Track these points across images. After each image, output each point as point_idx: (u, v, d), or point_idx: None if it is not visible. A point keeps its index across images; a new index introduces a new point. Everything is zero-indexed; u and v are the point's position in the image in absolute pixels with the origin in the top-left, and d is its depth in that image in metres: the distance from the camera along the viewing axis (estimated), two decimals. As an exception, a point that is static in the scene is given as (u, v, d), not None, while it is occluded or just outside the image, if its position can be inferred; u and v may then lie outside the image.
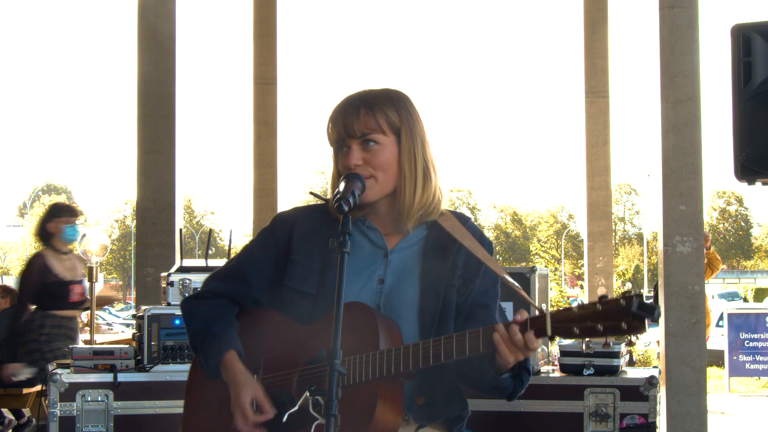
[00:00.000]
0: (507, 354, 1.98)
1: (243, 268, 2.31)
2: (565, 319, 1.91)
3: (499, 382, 2.12)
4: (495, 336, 1.97)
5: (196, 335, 2.26)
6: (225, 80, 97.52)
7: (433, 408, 2.18)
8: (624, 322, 1.83)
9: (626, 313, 1.82)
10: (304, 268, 2.22)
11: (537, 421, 4.22)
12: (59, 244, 6.27)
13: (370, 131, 2.15)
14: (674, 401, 5.35)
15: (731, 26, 3.99)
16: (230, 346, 2.21)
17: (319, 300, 2.17)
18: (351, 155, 2.15)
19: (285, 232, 2.28)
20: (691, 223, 5.45)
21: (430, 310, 2.16)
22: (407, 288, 2.18)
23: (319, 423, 1.90)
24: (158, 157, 6.61)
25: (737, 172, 4.57)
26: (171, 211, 6.60)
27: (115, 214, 71.53)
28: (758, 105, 3.94)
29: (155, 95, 6.61)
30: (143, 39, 6.65)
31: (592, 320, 1.87)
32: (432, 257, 2.20)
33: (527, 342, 1.96)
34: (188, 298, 2.38)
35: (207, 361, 2.22)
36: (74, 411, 4.10)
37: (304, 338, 2.15)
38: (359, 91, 2.24)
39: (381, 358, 2.01)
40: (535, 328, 1.95)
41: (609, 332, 1.86)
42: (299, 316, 2.19)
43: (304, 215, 2.31)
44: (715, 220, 72.68)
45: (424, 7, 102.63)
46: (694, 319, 5.41)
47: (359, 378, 2.01)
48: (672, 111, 5.50)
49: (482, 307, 2.22)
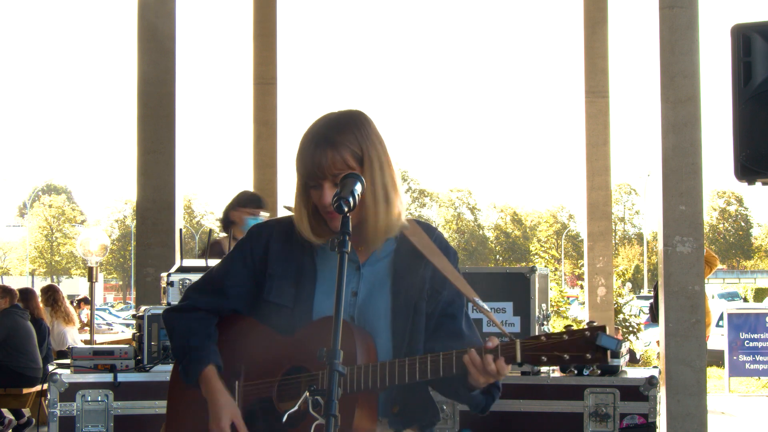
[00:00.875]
0: (478, 377, 2.10)
1: (222, 280, 2.39)
2: (533, 348, 2.04)
3: (471, 399, 2.24)
4: (465, 359, 2.08)
5: (176, 348, 2.39)
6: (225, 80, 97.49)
7: (406, 416, 2.29)
8: (588, 353, 1.98)
9: (590, 345, 1.98)
10: (281, 281, 2.29)
11: (537, 421, 4.22)
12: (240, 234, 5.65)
13: (338, 171, 2.19)
14: (674, 401, 5.35)
15: (731, 26, 3.99)
16: (209, 360, 2.30)
17: (296, 312, 2.25)
18: (326, 195, 2.20)
19: (262, 244, 2.35)
20: (691, 223, 5.45)
21: (402, 321, 2.26)
22: (379, 300, 2.28)
23: (319, 423, 1.91)
24: (158, 157, 6.60)
25: (737, 172, 4.56)
26: (171, 211, 6.60)
27: (115, 214, 71.50)
28: (758, 105, 3.94)
29: (155, 95, 6.61)
30: (143, 39, 6.64)
31: (559, 350, 2.01)
32: (402, 270, 2.30)
33: (498, 369, 2.08)
34: (169, 310, 2.47)
35: (186, 373, 2.32)
36: (74, 411, 4.10)
37: (283, 348, 2.23)
38: (322, 123, 2.26)
39: (360, 372, 2.11)
40: (506, 355, 2.07)
41: (574, 362, 2.00)
42: (277, 327, 2.27)
43: (279, 227, 2.37)
44: (715, 220, 72.66)
45: (424, 7, 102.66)
46: (694, 319, 5.41)
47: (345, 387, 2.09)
48: (672, 111, 5.50)
49: (449, 317, 2.32)
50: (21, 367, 8.07)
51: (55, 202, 67.59)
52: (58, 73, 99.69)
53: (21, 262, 66.03)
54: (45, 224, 66.42)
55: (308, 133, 2.26)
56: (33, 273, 62.47)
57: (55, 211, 67.08)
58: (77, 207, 71.26)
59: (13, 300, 8.48)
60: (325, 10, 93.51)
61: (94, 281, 9.69)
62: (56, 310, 9.68)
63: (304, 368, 2.19)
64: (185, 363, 2.33)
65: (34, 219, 66.42)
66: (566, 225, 71.38)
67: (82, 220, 69.14)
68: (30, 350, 8.18)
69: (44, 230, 66.29)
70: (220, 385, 2.28)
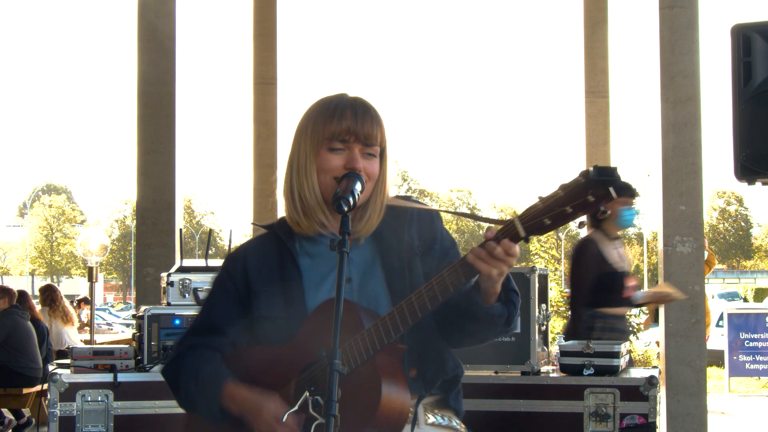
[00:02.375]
0: (489, 270, 1.96)
1: (211, 318, 2.29)
2: (532, 216, 1.90)
3: (492, 310, 2.10)
4: (469, 257, 1.96)
5: (188, 386, 2.21)
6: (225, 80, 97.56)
7: (426, 376, 2.20)
8: (589, 195, 1.82)
9: (588, 185, 1.82)
10: (268, 295, 2.23)
11: (537, 421, 4.22)
12: (612, 228, 5.11)
13: (374, 142, 2.17)
14: (674, 401, 5.36)
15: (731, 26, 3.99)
16: (225, 377, 2.18)
17: (291, 319, 2.18)
18: (357, 158, 2.15)
19: (239, 269, 2.28)
20: (691, 223, 5.46)
21: (399, 289, 2.18)
22: (374, 279, 2.21)
23: (319, 423, 1.90)
24: (158, 157, 6.61)
25: (737, 172, 4.57)
26: (171, 211, 6.60)
27: (115, 214, 71.48)
28: (758, 105, 3.94)
29: (155, 95, 6.61)
30: (143, 39, 6.65)
31: (559, 206, 1.86)
32: (388, 241, 2.24)
33: (506, 249, 1.94)
34: (167, 363, 2.32)
35: (209, 404, 2.17)
36: (74, 411, 4.10)
37: (287, 354, 2.16)
38: (357, 98, 2.24)
39: (370, 333, 2.02)
40: (509, 235, 1.94)
41: (579, 210, 1.84)
42: (276, 339, 2.20)
43: (252, 247, 2.33)
44: (715, 220, 72.66)
45: (424, 7, 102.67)
46: (694, 319, 5.41)
47: (355, 361, 2.01)
48: (672, 111, 5.50)
49: None
50: (21, 367, 8.07)
51: (55, 202, 67.60)
52: (58, 73, 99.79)
53: (21, 262, 66.03)
54: (45, 224, 66.42)
55: (339, 99, 2.21)
56: (33, 273, 62.50)
57: (55, 211, 67.08)
58: (77, 207, 71.28)
59: (12, 300, 8.49)
60: (325, 10, 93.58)
61: (94, 281, 9.71)
62: (54, 309, 9.68)
63: (312, 363, 2.10)
64: (203, 392, 2.18)
65: (34, 219, 66.42)
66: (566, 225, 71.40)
67: (82, 220, 69.15)
68: (30, 350, 8.18)
69: (44, 230, 66.30)
70: (249, 389, 2.13)
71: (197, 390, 2.19)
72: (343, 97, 2.23)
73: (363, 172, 2.15)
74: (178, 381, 2.24)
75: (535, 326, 4.31)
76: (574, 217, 1.86)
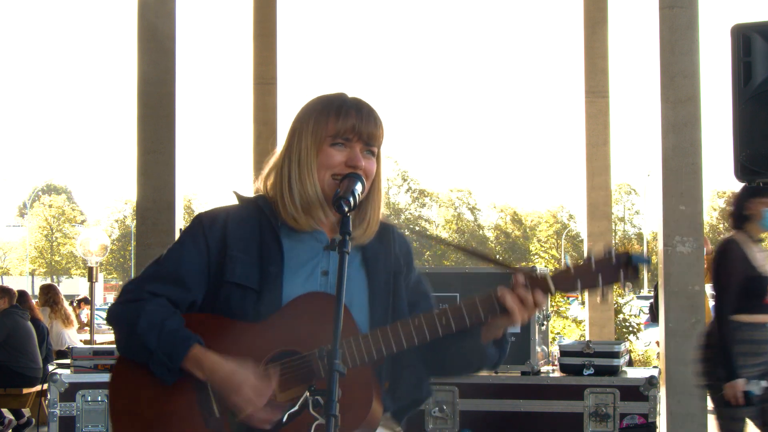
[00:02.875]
0: (517, 315, 2.04)
1: (177, 270, 2.18)
2: (564, 278, 2.04)
3: (487, 350, 2.17)
4: (508, 302, 2.03)
5: (146, 336, 2.07)
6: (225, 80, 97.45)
7: (396, 393, 2.19)
8: (621, 271, 2.00)
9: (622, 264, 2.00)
10: (244, 263, 2.16)
11: (537, 421, 4.22)
12: (755, 229, 4.81)
13: (375, 143, 2.19)
14: (674, 401, 5.35)
15: (731, 26, 4.00)
16: (194, 339, 2.08)
17: (263, 296, 2.12)
18: (359, 156, 2.16)
19: (218, 230, 2.19)
20: (691, 223, 5.45)
21: (381, 295, 2.19)
22: (353, 276, 2.17)
23: (319, 423, 1.90)
24: (158, 157, 6.60)
25: (737, 172, 4.57)
26: (171, 211, 6.60)
27: (115, 214, 71.44)
28: (758, 105, 3.95)
29: (155, 95, 6.61)
30: (143, 39, 6.65)
31: (590, 274, 2.02)
32: (371, 247, 2.24)
33: (536, 300, 2.05)
34: (121, 302, 2.17)
35: (170, 360, 2.06)
36: (74, 411, 4.10)
37: (258, 335, 2.09)
38: (359, 99, 2.24)
39: (368, 341, 2.03)
40: (539, 287, 2.05)
41: (607, 282, 2.01)
42: (243, 313, 2.12)
43: (234, 213, 2.24)
44: (715, 220, 72.66)
45: (424, 7, 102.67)
46: (694, 319, 5.41)
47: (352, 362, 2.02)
48: (672, 111, 5.50)
49: (422, 295, 2.30)
50: (21, 367, 8.07)
51: (55, 202, 67.60)
52: (58, 73, 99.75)
53: (21, 262, 66.02)
54: (45, 224, 66.43)
55: (335, 98, 2.21)
56: (33, 273, 62.51)
57: (55, 211, 67.09)
58: (77, 207, 71.26)
59: (12, 300, 8.49)
60: (325, 10, 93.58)
61: (94, 281, 9.71)
62: (56, 311, 9.68)
63: (293, 351, 2.06)
64: (165, 347, 2.06)
65: (34, 219, 66.43)
66: (566, 225, 71.39)
67: (82, 220, 69.14)
68: (30, 350, 8.18)
69: (44, 230, 66.30)
70: (219, 356, 2.04)
71: (158, 342, 2.07)
72: (344, 96, 2.24)
73: (363, 171, 2.16)
74: (134, 325, 2.09)
75: (535, 326, 4.31)
76: (602, 288, 2.02)
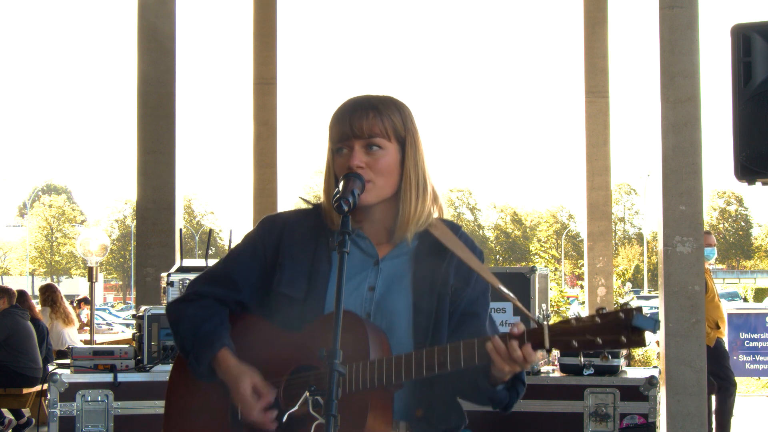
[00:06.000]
0: (503, 366, 1.97)
1: (231, 271, 2.28)
2: (563, 332, 1.89)
3: (495, 394, 2.11)
4: (488, 346, 1.95)
5: (185, 337, 2.23)
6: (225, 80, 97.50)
7: (431, 420, 2.17)
8: (623, 335, 1.82)
9: (626, 326, 1.81)
10: (293, 272, 2.19)
11: (537, 421, 4.22)
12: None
13: (376, 134, 2.14)
14: (674, 401, 5.35)
15: (731, 26, 3.99)
16: (222, 343, 2.19)
17: (307, 305, 2.16)
18: (354, 156, 2.13)
19: (275, 236, 2.25)
20: (691, 223, 5.45)
21: (424, 317, 2.15)
22: (399, 295, 2.17)
23: (319, 423, 1.90)
24: (158, 157, 6.61)
25: (737, 172, 4.56)
26: (171, 211, 6.60)
27: (115, 214, 71.49)
28: (758, 105, 3.94)
29: (155, 95, 6.61)
30: (143, 39, 6.65)
31: (591, 333, 1.85)
32: (424, 265, 2.19)
33: (525, 356, 1.94)
34: (174, 302, 2.34)
35: (198, 362, 2.19)
36: (74, 411, 4.10)
37: (290, 346, 2.14)
38: (365, 95, 2.23)
39: (373, 367, 2.00)
40: (533, 341, 1.94)
41: (608, 345, 1.84)
42: (286, 321, 2.17)
43: (293, 219, 2.29)
44: (715, 220, 72.65)
45: (424, 7, 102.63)
46: (694, 319, 5.41)
47: (350, 387, 2.00)
48: (672, 111, 5.50)
49: (472, 316, 2.21)
50: (21, 367, 8.07)
51: (55, 202, 67.63)
52: (58, 73, 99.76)
53: (21, 262, 66.02)
54: (45, 224, 66.45)
55: (347, 101, 2.21)
56: (33, 273, 62.52)
57: (55, 211, 67.11)
58: (77, 207, 71.30)
59: (11, 300, 8.48)
60: (325, 10, 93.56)
61: (94, 281, 9.70)
62: (56, 310, 9.67)
63: (312, 366, 2.09)
64: (197, 350, 2.19)
65: (34, 219, 66.43)
66: (566, 225, 71.40)
67: (82, 220, 69.16)
68: (30, 350, 8.17)
69: (44, 230, 66.33)
70: (236, 361, 2.16)
71: (191, 344, 2.21)
72: (353, 99, 2.22)
73: (367, 167, 2.13)
74: (178, 325, 2.27)
75: (535, 326, 4.31)
76: (602, 348, 1.85)
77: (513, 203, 77.53)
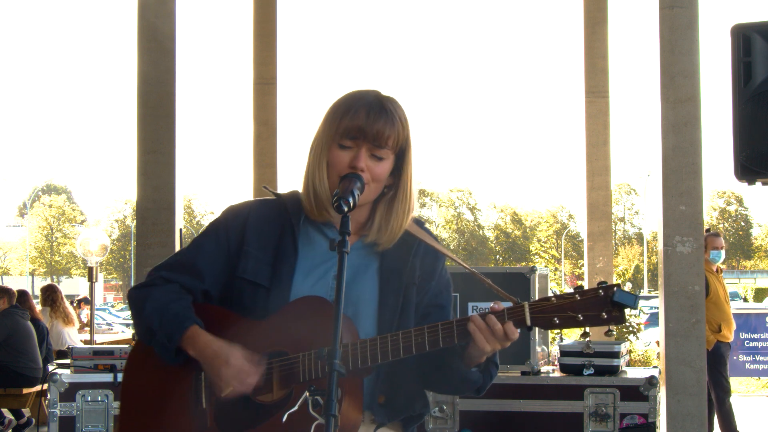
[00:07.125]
0: (484, 344, 1.98)
1: (195, 260, 2.26)
2: (543, 310, 1.92)
3: (469, 375, 2.12)
4: (470, 326, 1.97)
5: (151, 317, 2.18)
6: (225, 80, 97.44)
7: (394, 406, 2.19)
8: (604, 311, 1.85)
9: (606, 303, 1.85)
10: (257, 260, 2.21)
11: (537, 421, 4.22)
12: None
13: (384, 145, 2.15)
14: (674, 401, 5.35)
15: (731, 26, 3.99)
16: (193, 320, 2.16)
17: (272, 292, 2.17)
18: (360, 158, 2.14)
19: (238, 223, 2.26)
20: (691, 223, 5.44)
21: (390, 306, 2.18)
22: (365, 284, 2.20)
23: (319, 423, 1.90)
24: (158, 157, 6.60)
25: (737, 172, 4.57)
26: (171, 211, 6.59)
27: (115, 214, 71.51)
28: (758, 105, 3.94)
29: (155, 95, 6.60)
30: (143, 39, 6.64)
31: (572, 310, 1.88)
32: (390, 255, 2.23)
33: (507, 332, 1.96)
34: (137, 286, 2.29)
35: (169, 340, 2.15)
36: (74, 411, 4.10)
37: (257, 334, 2.13)
38: (376, 94, 2.21)
39: (347, 350, 2.01)
40: (514, 319, 1.96)
41: (589, 322, 1.87)
42: (251, 308, 2.18)
43: (256, 208, 2.30)
44: (715, 220, 72.62)
45: (424, 6, 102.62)
46: (694, 319, 5.40)
47: (323, 372, 2.00)
48: (672, 111, 5.49)
49: (438, 308, 2.25)
50: (21, 367, 8.07)
51: (55, 202, 67.65)
52: (58, 73, 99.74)
53: (21, 262, 66.02)
54: (45, 224, 66.47)
55: (360, 97, 2.18)
56: (33, 273, 62.52)
57: (55, 211, 67.12)
58: (77, 207, 71.32)
59: (11, 300, 8.48)
60: (325, 10, 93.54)
61: (94, 281, 9.71)
62: (56, 310, 9.68)
63: (281, 352, 2.08)
64: (165, 327, 2.14)
65: (34, 219, 66.44)
66: (566, 225, 71.39)
67: (82, 220, 69.17)
68: (30, 350, 8.18)
69: (44, 230, 66.34)
70: (212, 336, 2.11)
71: (160, 323, 2.16)
72: (367, 94, 2.21)
73: (367, 172, 2.14)
74: (142, 309, 2.21)
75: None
76: (583, 326, 1.88)
77: (513, 203, 77.55)
